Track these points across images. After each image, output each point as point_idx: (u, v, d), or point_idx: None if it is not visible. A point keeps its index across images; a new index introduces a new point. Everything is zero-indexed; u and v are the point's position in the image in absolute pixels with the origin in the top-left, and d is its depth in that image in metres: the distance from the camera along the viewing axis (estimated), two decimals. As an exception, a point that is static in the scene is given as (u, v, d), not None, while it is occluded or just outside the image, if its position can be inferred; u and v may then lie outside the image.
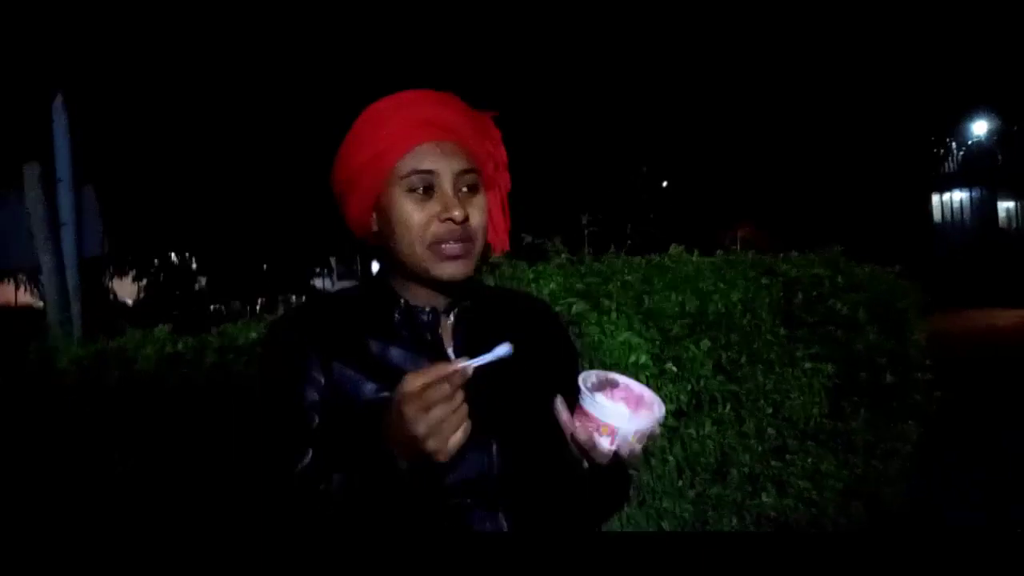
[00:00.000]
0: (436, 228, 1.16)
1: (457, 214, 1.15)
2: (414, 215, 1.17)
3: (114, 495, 1.91)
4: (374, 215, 1.22)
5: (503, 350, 1.05)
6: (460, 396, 1.00)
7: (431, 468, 1.04)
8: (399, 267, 1.22)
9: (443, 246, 1.17)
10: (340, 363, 1.16)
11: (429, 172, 1.17)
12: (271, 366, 1.20)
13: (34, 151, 3.67)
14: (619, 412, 1.06)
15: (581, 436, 1.08)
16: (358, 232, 1.26)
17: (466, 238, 1.18)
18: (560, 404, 1.11)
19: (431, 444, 0.98)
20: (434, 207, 1.16)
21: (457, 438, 0.99)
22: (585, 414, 1.08)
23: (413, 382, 0.99)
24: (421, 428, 0.98)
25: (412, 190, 1.17)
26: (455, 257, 1.17)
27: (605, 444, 1.07)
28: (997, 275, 15.44)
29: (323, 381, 1.16)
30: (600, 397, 1.08)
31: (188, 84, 10.61)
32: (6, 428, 1.95)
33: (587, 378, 1.10)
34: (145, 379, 2.07)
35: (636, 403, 1.08)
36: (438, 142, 1.18)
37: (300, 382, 1.16)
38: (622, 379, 1.12)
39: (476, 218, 1.19)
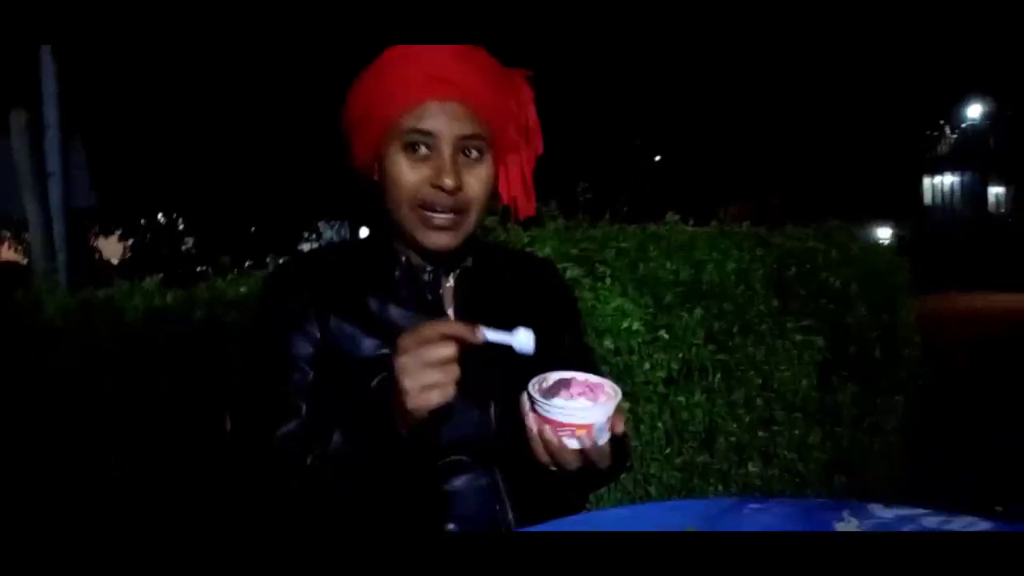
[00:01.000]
0: (426, 193, 1.11)
1: (448, 182, 1.10)
2: (406, 175, 1.12)
3: (101, 457, 1.90)
4: (376, 164, 1.17)
5: (522, 344, 1.01)
6: (453, 356, 0.96)
7: (429, 433, 1.01)
8: (394, 225, 1.18)
9: (431, 214, 1.12)
10: (338, 318, 1.13)
11: (428, 134, 1.11)
12: (265, 319, 1.16)
13: (21, 98, 3.59)
14: (586, 408, 1.02)
15: (551, 439, 1.01)
16: (365, 175, 1.21)
17: (458, 209, 1.12)
18: (532, 419, 1.04)
19: (412, 401, 0.95)
20: (427, 170, 1.11)
21: (435, 398, 0.95)
22: (550, 422, 1.02)
23: (420, 334, 0.96)
24: (410, 383, 0.95)
25: (409, 148, 1.11)
26: (442, 228, 1.13)
27: (575, 444, 1.01)
28: (986, 259, 15.56)
29: (318, 335, 1.12)
30: (561, 401, 1.02)
31: (178, 40, 10.43)
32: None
33: (540, 384, 1.04)
34: (133, 330, 2.05)
35: (595, 393, 1.04)
36: (444, 102, 1.11)
37: (295, 335, 1.12)
38: (569, 374, 1.07)
39: (473, 188, 1.13)
